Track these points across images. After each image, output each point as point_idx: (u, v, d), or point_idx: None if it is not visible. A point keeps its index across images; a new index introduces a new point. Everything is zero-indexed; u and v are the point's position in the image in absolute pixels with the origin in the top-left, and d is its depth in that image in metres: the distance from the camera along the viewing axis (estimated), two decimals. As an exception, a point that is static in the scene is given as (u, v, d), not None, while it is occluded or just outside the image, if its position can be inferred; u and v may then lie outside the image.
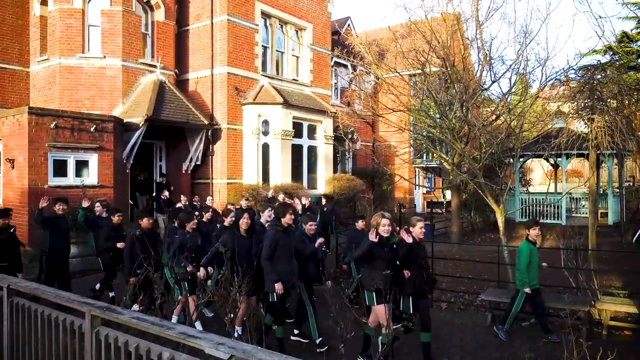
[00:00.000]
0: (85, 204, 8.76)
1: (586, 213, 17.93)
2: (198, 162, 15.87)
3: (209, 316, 7.62)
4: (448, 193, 25.10)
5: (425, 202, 24.05)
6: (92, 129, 12.25)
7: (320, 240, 6.57)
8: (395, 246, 5.80)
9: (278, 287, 5.91)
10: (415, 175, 23.77)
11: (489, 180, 11.84)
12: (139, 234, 7.21)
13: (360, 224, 8.48)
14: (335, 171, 19.50)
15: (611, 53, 21.82)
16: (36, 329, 4.32)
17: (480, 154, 9.46)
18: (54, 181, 11.67)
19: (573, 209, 18.40)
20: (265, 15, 17.09)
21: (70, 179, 12.02)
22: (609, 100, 9.18)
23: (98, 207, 8.92)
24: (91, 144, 12.29)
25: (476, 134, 9.64)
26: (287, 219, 6.19)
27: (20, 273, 7.70)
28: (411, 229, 5.91)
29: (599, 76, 9.89)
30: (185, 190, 15.51)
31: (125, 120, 13.63)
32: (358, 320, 4.44)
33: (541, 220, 15.68)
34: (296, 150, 16.95)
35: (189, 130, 15.47)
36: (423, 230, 5.98)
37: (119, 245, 7.79)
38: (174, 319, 6.86)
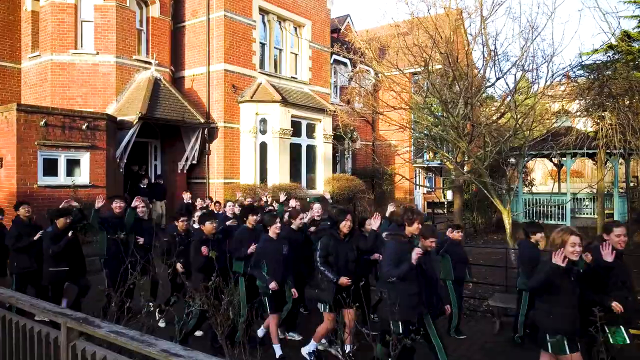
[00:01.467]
0: (135, 203, 7.40)
1: (590, 213, 17.58)
2: (194, 162, 15.48)
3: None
4: (449, 193, 24.74)
5: (425, 203, 23.69)
6: (83, 126, 11.86)
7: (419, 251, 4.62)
8: (581, 271, 4.34)
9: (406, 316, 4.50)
10: (415, 175, 23.39)
11: (492, 180, 11.48)
12: (205, 240, 6.18)
13: (537, 237, 6.10)
14: (334, 171, 19.13)
15: (612, 53, 21.45)
16: (10, 339, 3.99)
17: (485, 153, 9.10)
18: (44, 181, 11.28)
19: (576, 210, 18.04)
20: (263, 12, 16.72)
21: (61, 179, 11.63)
22: (619, 97, 8.84)
23: (142, 208, 7.46)
24: (83, 143, 11.90)
25: (481, 132, 9.27)
26: (413, 229, 4.94)
27: (83, 277, 6.98)
28: (605, 236, 4.56)
29: (608, 72, 9.53)
30: (181, 191, 15.12)
31: (118, 118, 13.25)
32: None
33: (545, 222, 15.34)
34: (295, 149, 16.57)
35: (185, 129, 15.09)
36: (623, 239, 4.60)
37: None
38: (260, 332, 6.09)
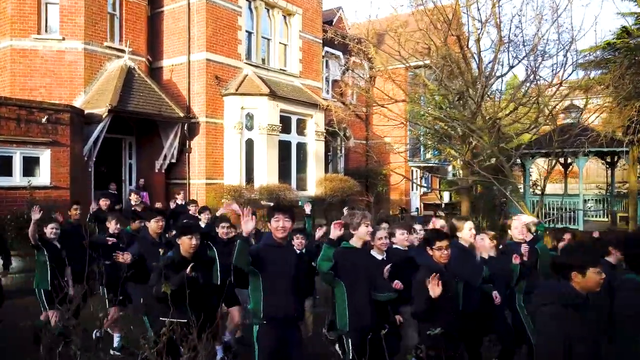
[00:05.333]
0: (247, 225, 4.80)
1: (599, 216, 16.63)
2: (173, 160, 14.07)
3: None
4: (446, 194, 23.54)
5: (422, 204, 22.49)
6: (43, 119, 10.43)
7: None
8: None
9: None
10: (412, 175, 22.16)
11: (498, 181, 10.30)
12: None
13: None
14: (326, 171, 17.84)
15: (610, 49, 20.47)
16: None
17: (506, 148, 7.87)
18: (-4, 181, 9.85)
19: (586, 212, 17.00)
20: (250, -3, 15.37)
21: (17, 179, 10.19)
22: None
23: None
24: (42, 138, 10.46)
25: (499, 125, 8.05)
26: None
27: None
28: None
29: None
30: (159, 192, 13.74)
31: (86, 111, 11.83)
32: None
33: (556, 226, 14.23)
34: (284, 147, 15.24)
35: (163, 124, 13.67)
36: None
37: None
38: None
